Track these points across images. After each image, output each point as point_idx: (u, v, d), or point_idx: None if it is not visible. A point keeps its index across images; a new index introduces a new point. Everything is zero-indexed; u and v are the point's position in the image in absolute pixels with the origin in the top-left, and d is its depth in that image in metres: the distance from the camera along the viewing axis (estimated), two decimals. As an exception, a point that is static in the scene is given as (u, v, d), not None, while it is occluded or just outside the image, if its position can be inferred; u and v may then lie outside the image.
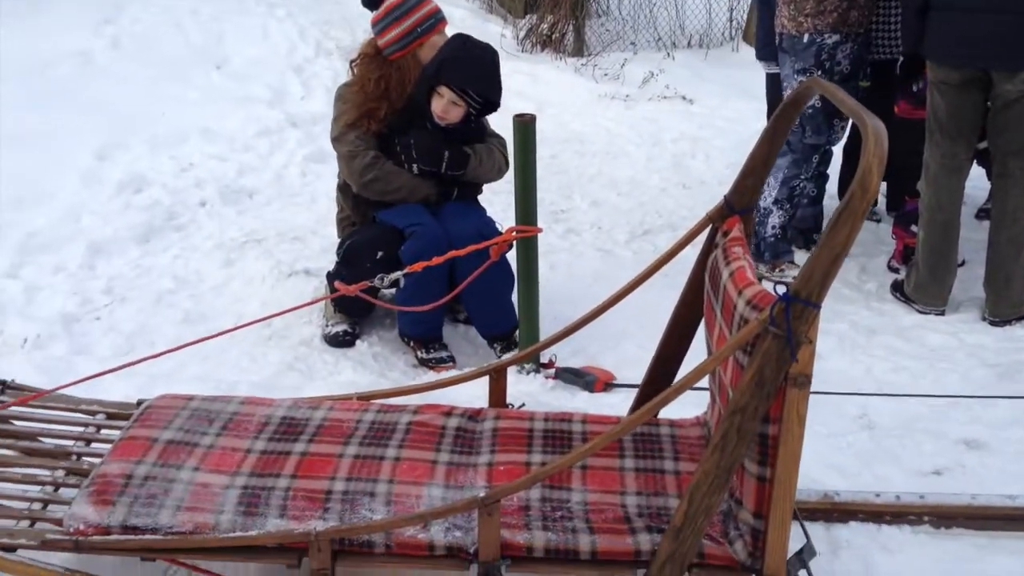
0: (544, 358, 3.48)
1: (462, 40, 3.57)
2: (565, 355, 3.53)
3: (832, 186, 4.72)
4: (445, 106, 3.53)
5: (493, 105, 3.64)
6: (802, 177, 4.29)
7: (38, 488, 2.27)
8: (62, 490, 2.27)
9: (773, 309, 1.85)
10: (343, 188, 3.78)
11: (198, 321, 3.73)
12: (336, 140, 3.69)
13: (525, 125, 3.24)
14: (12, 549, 2.09)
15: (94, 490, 2.17)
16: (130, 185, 4.80)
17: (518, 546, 2.09)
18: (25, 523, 2.15)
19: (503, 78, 3.62)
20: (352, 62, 3.79)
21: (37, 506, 2.21)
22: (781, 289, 1.85)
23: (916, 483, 2.84)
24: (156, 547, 2.10)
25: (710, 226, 2.44)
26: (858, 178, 1.74)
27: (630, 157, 5.89)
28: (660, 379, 2.57)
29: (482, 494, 2.03)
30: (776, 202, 4.28)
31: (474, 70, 3.51)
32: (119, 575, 2.27)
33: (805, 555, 2.16)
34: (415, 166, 3.60)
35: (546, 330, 3.37)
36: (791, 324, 1.83)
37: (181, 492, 2.19)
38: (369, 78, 3.62)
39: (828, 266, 1.81)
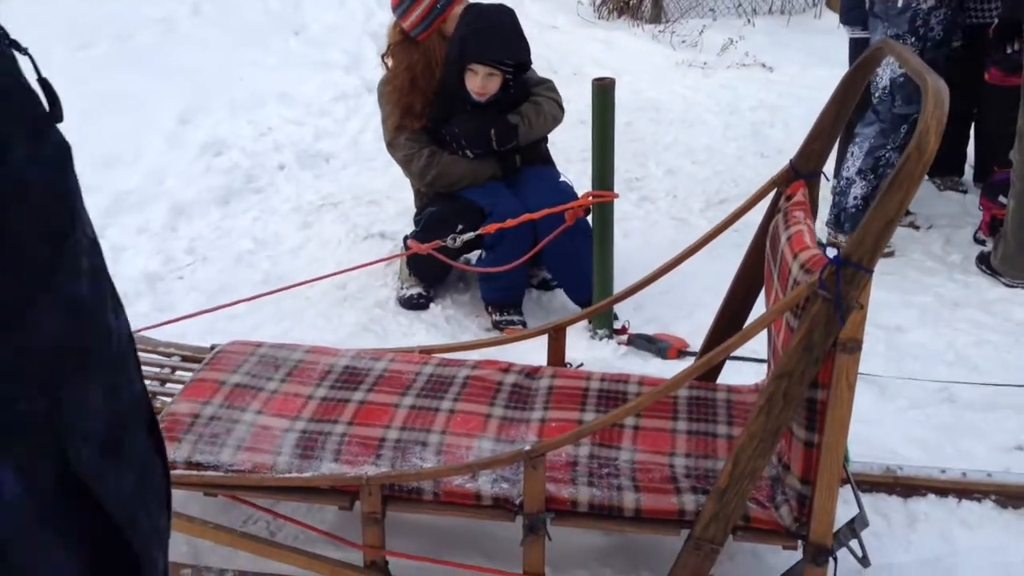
0: (617, 324, 3.49)
1: (476, 11, 3.52)
2: (638, 323, 3.52)
3: None
4: (482, 82, 3.49)
5: (525, 66, 3.61)
6: (888, 147, 4.17)
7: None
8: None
9: (823, 272, 1.82)
10: None
11: (276, 281, 3.83)
12: (390, 146, 3.71)
13: (604, 89, 3.23)
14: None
15: (163, 427, 2.28)
16: (211, 148, 4.95)
17: (562, 500, 2.12)
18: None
19: (578, 44, 3.61)
20: (383, 56, 3.80)
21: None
22: (832, 252, 1.83)
23: (998, 459, 2.75)
24: (217, 483, 2.20)
25: (775, 190, 2.41)
26: (915, 140, 1.70)
27: (707, 125, 5.80)
28: (719, 343, 2.55)
29: (528, 447, 2.07)
30: (860, 172, 4.18)
31: (498, 37, 3.46)
32: (185, 511, 2.37)
33: (857, 525, 2.14)
34: (467, 152, 3.61)
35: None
36: (840, 288, 1.81)
37: (243, 433, 2.29)
38: (399, 69, 3.61)
39: (880, 230, 1.78)
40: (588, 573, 2.34)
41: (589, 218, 3.44)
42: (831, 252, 1.85)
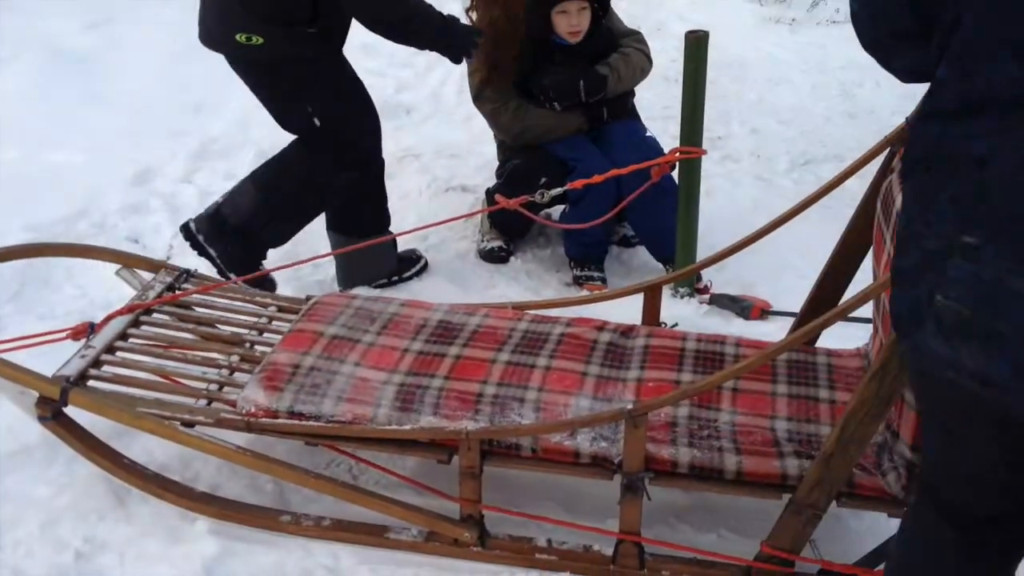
0: (699, 284, 3.44)
1: None
2: (721, 283, 3.47)
3: None
4: (575, 19, 3.42)
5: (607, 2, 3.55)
6: None
7: (215, 371, 2.43)
8: (236, 374, 2.43)
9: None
10: None
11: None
12: (476, 99, 3.66)
13: (697, 41, 3.14)
14: (191, 425, 2.27)
15: (265, 376, 2.31)
16: None
17: (663, 460, 2.11)
18: (203, 402, 2.32)
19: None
20: (467, 10, 3.73)
21: (214, 387, 2.37)
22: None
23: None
24: (319, 433, 2.23)
25: (887, 150, 2.33)
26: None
27: (793, 84, 5.64)
28: (821, 307, 2.49)
29: (630, 406, 2.05)
30: None
31: None
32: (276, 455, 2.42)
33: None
34: (555, 104, 3.54)
35: (703, 256, 3.31)
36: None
37: (343, 384, 2.31)
38: (482, 23, 3.52)
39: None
40: (668, 529, 2.33)
41: (674, 174, 3.38)
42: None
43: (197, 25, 3.08)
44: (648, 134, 3.66)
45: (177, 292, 2.64)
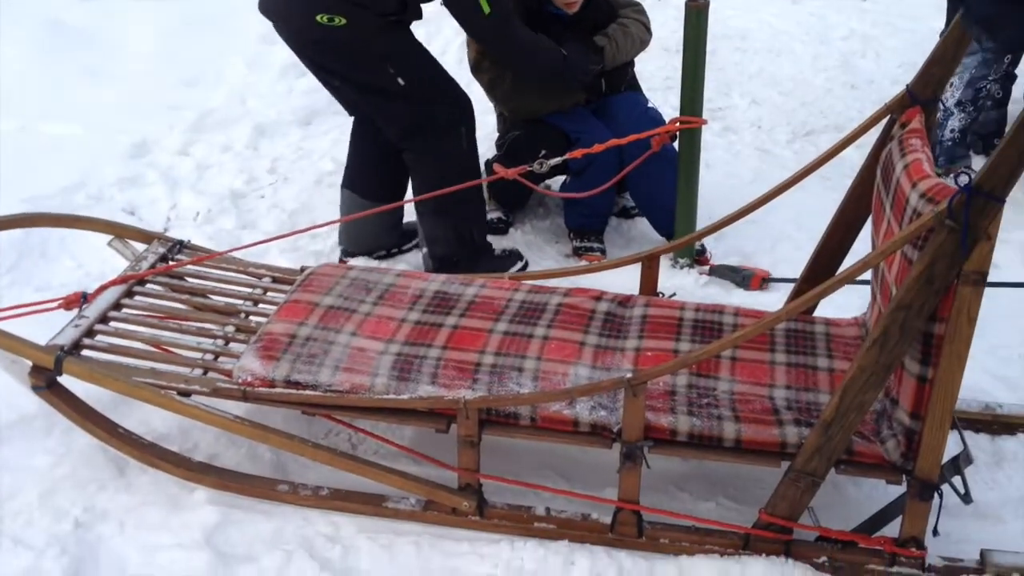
0: (699, 254, 3.43)
1: None
2: (720, 254, 3.46)
3: (1020, 89, 4.37)
4: None
5: None
6: (990, 78, 3.98)
7: (210, 341, 2.41)
8: (231, 344, 2.41)
9: (952, 201, 1.74)
10: None
11: None
12: (474, 70, 3.62)
13: (697, 11, 3.11)
14: (187, 394, 2.26)
15: (261, 346, 2.30)
16: (293, 70, 4.93)
17: (662, 429, 2.10)
18: (198, 372, 2.31)
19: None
20: None
21: (209, 357, 2.36)
22: (963, 180, 1.74)
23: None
24: (316, 403, 2.21)
25: (887, 118, 2.31)
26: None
27: (794, 55, 5.61)
28: (819, 275, 2.49)
29: (630, 375, 2.04)
30: (959, 104, 4.00)
31: None
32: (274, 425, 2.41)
33: (961, 462, 2.09)
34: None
35: (703, 227, 3.28)
36: (971, 218, 1.73)
37: (339, 354, 2.29)
38: None
39: (1017, 160, 1.69)
40: (666, 497, 2.33)
41: (675, 146, 3.36)
42: (963, 179, 1.75)
43: None
44: (650, 106, 3.63)
45: (171, 263, 2.62)
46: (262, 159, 4.17)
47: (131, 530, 2.20)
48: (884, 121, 2.33)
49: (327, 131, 4.48)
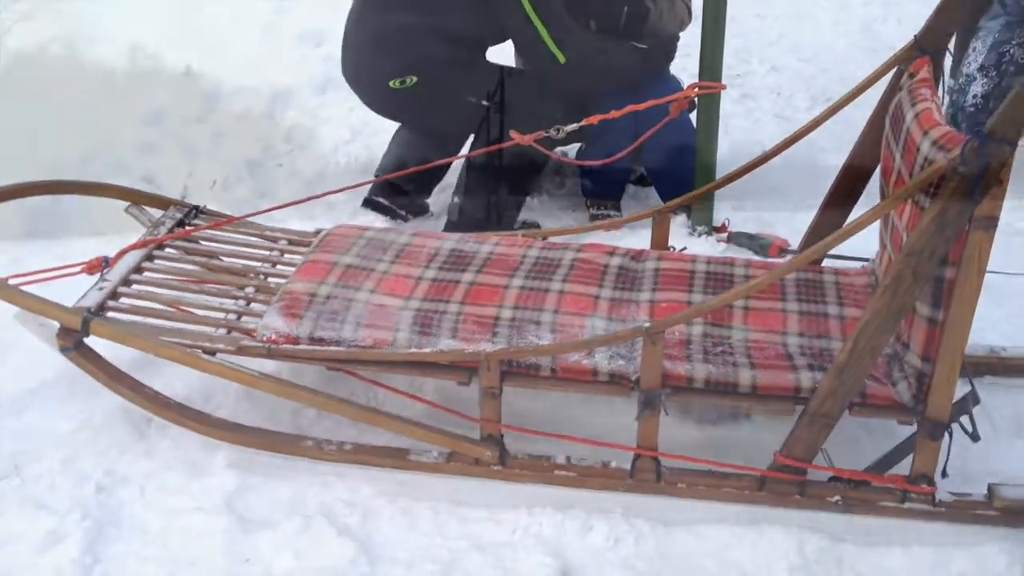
0: (717, 221, 3.45)
1: None
2: (738, 222, 3.47)
3: None
4: None
5: None
6: (1014, 42, 3.90)
7: (231, 302, 2.45)
8: (252, 305, 2.45)
9: (965, 148, 1.79)
10: None
11: (372, 171, 3.87)
12: None
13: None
14: (212, 353, 2.30)
15: (283, 304, 2.34)
16: (308, 38, 4.94)
17: (679, 376, 2.16)
18: (222, 331, 2.35)
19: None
20: None
21: (232, 317, 2.40)
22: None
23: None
24: (340, 358, 2.26)
25: (895, 69, 2.35)
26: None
27: (815, 20, 5.57)
28: (827, 226, 2.54)
29: (647, 324, 2.09)
30: (981, 69, 3.93)
31: None
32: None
33: (968, 402, 2.15)
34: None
35: (721, 196, 3.30)
36: (983, 163, 1.77)
37: (360, 310, 2.34)
38: None
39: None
40: (683, 447, 2.36)
41: (693, 117, 3.36)
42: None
43: (341, 62, 3.34)
44: (670, 75, 3.62)
45: (188, 228, 2.65)
46: (278, 127, 4.21)
47: (151, 494, 2.24)
48: (892, 73, 2.37)
49: (344, 99, 4.48)
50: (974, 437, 2.16)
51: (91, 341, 2.32)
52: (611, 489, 2.25)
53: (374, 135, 4.19)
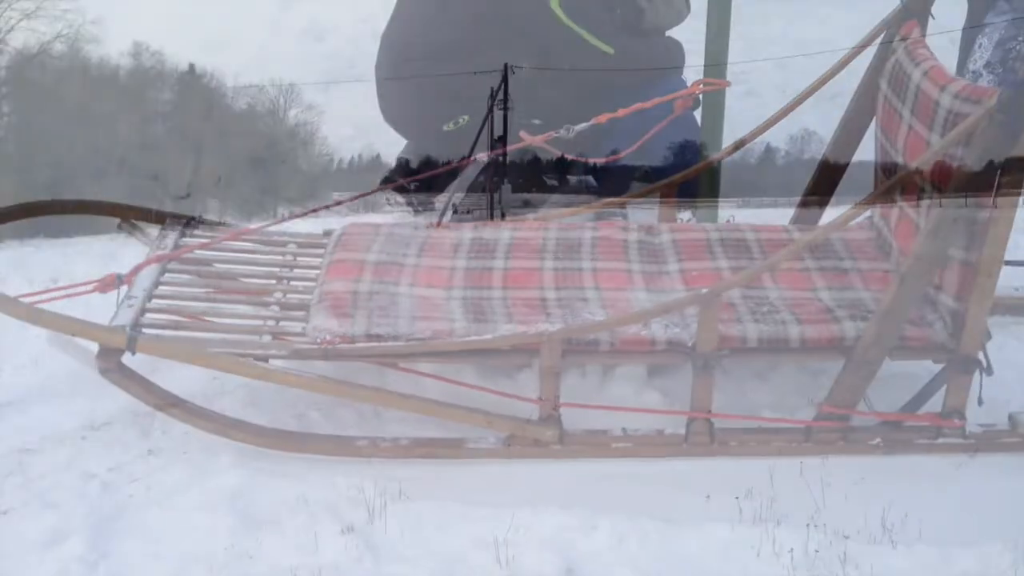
0: (721, 219, 3.49)
1: None
2: (742, 220, 3.50)
3: None
4: None
5: None
6: (1020, 39, 4.08)
7: (264, 309, 2.38)
8: (286, 310, 2.39)
9: (1002, 95, 1.95)
10: None
11: (376, 168, 3.82)
12: None
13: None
14: (264, 359, 2.23)
15: (330, 304, 2.29)
16: (311, 33, 4.81)
17: (733, 338, 2.25)
18: (266, 337, 2.28)
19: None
20: None
21: (271, 323, 2.33)
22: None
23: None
24: (402, 352, 2.24)
25: (882, 34, 2.51)
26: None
27: (819, 17, 5.67)
28: (823, 187, 2.69)
29: (705, 291, 2.17)
30: (987, 65, 4.05)
31: None
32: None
33: (983, 338, 2.33)
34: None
35: (725, 191, 3.37)
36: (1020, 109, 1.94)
37: (408, 304, 2.32)
38: None
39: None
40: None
41: (697, 115, 3.43)
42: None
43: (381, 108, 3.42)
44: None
45: (199, 240, 2.57)
46: (283, 124, 4.11)
47: (156, 492, 2.19)
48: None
49: (348, 94, 4.37)
50: (988, 371, 2.34)
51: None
52: (666, 455, 2.32)
53: (378, 132, 4.13)
